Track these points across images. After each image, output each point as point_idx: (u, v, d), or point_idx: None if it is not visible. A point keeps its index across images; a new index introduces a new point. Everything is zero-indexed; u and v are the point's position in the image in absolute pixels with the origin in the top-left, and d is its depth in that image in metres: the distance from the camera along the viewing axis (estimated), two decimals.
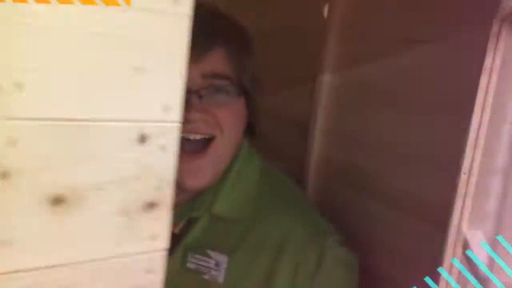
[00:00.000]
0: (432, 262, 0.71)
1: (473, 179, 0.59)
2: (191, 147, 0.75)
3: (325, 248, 0.76)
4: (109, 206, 0.34)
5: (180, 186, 0.76)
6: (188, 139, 0.75)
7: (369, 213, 0.92)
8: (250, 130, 0.85)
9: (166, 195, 0.37)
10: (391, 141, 0.88)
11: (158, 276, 0.38)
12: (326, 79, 1.02)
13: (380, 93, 0.91)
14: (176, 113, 0.36)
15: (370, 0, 0.94)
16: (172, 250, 0.76)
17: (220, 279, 0.74)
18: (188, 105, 0.72)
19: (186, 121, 0.70)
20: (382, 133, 0.90)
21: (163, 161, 0.36)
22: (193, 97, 0.73)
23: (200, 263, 0.75)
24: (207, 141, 0.76)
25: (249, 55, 0.82)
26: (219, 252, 0.75)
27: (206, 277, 0.74)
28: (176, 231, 0.78)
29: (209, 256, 0.75)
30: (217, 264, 0.74)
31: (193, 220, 0.79)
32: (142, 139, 0.35)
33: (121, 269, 0.36)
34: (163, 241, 0.38)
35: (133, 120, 0.34)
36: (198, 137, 0.75)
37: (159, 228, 0.37)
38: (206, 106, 0.74)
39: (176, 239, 0.78)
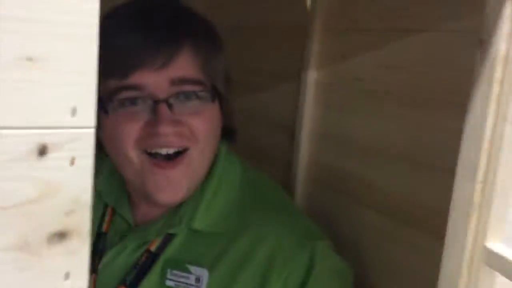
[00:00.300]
0: (432, 276, 0.63)
1: (491, 187, 0.51)
2: (161, 158, 0.68)
3: (315, 255, 0.69)
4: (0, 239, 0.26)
5: (152, 200, 0.70)
6: (159, 154, 0.67)
7: (360, 220, 0.84)
8: (227, 133, 0.77)
9: (80, 221, 0.29)
10: (383, 142, 0.80)
11: None
12: (311, 76, 0.93)
13: (371, 90, 0.83)
14: (87, 116, 0.28)
15: None
16: (150, 267, 0.70)
17: None
18: (157, 116, 0.65)
19: (156, 135, 0.65)
20: (373, 133, 0.82)
21: (73, 177, 0.28)
22: (161, 107, 0.65)
23: (180, 279, 0.69)
24: (180, 152, 0.68)
25: (220, 54, 0.73)
26: (199, 266, 0.69)
27: None
28: (153, 248, 0.71)
29: (189, 272, 0.69)
30: (197, 280, 0.68)
31: (171, 236, 0.72)
32: (42, 150, 0.26)
33: None
34: (79, 280, 0.29)
35: (28, 127, 0.26)
36: (171, 151, 0.68)
37: (72, 264, 0.29)
38: (178, 116, 0.66)
39: (152, 256, 0.71)
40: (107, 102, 0.67)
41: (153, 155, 0.67)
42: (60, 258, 0.29)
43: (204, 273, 0.68)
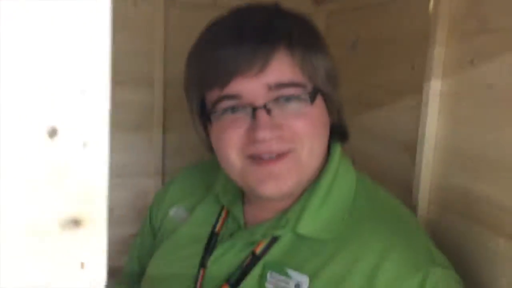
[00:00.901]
0: None
1: None
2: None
3: (427, 283, 0.61)
4: (12, 224, 0.26)
5: (257, 196, 0.71)
6: (261, 157, 0.67)
7: (492, 250, 0.71)
8: (336, 131, 0.75)
9: (96, 210, 0.28)
10: None
11: None
12: (435, 87, 0.83)
13: (505, 98, 0.70)
14: (99, 97, 0.27)
15: None
16: (251, 269, 0.70)
17: None
18: (256, 122, 0.66)
19: (256, 141, 0.66)
20: (509, 149, 0.69)
21: (86, 162, 0.27)
22: (259, 113, 0.66)
23: (279, 283, 0.67)
24: (287, 152, 0.68)
25: (320, 54, 0.71)
26: (300, 272, 0.66)
27: None
28: (258, 251, 0.71)
29: (289, 276, 0.67)
30: (297, 286, 0.66)
31: (276, 239, 0.71)
32: (52, 132, 0.26)
33: None
34: (96, 271, 0.28)
35: (38, 108, 0.26)
36: (273, 155, 0.67)
37: (88, 253, 0.28)
38: (278, 120, 0.67)
39: (256, 258, 0.71)
40: (210, 111, 0.70)
41: (255, 158, 0.68)
42: (75, 245, 0.28)
43: (304, 280, 0.66)
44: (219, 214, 0.80)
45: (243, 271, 0.70)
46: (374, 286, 0.62)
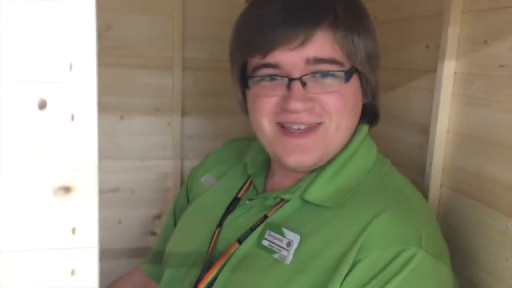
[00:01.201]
0: None
1: None
2: (292, 130, 0.71)
3: (404, 253, 0.63)
4: (6, 191, 0.28)
5: (283, 165, 0.74)
6: (291, 127, 0.71)
7: (498, 231, 0.70)
8: (369, 113, 0.78)
9: (86, 178, 0.29)
10: None
11: (86, 279, 0.31)
12: (448, 68, 0.82)
13: None
14: (86, 72, 0.28)
15: None
16: (256, 228, 0.73)
17: (288, 260, 0.68)
18: (290, 93, 0.69)
19: (287, 111, 0.69)
20: None
21: (73, 133, 0.29)
22: (294, 84, 0.69)
23: (274, 241, 0.70)
24: (316, 125, 0.71)
25: (363, 34, 0.72)
26: (294, 231, 0.70)
27: (275, 256, 0.69)
28: (270, 214, 0.74)
29: (283, 235, 0.70)
30: (288, 244, 0.69)
31: (285, 202, 0.74)
32: (42, 104, 0.28)
33: (34, 268, 0.29)
34: (87, 236, 0.30)
35: (29, 81, 0.27)
36: (302, 127, 0.71)
37: (79, 219, 0.30)
38: (311, 93, 0.69)
39: (264, 220, 0.74)
40: (250, 76, 0.73)
41: (285, 127, 0.72)
42: (66, 212, 0.30)
43: (296, 239, 0.69)
44: (244, 183, 0.84)
45: (251, 231, 0.74)
46: (359, 245, 0.64)
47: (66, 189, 0.29)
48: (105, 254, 1.05)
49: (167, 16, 1.29)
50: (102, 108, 1.19)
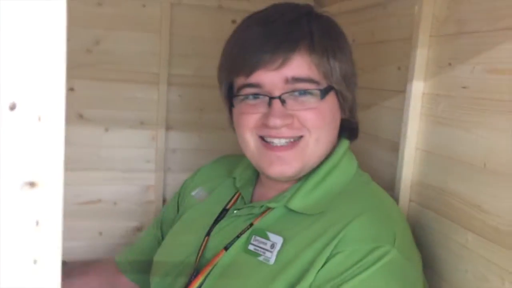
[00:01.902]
0: None
1: None
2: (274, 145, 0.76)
3: (378, 250, 0.67)
4: None
5: (265, 175, 0.80)
6: (272, 142, 0.76)
7: (459, 245, 0.74)
8: (347, 128, 0.83)
9: (51, 175, 0.32)
10: (493, 159, 0.69)
11: (46, 269, 0.33)
12: (417, 88, 0.86)
13: (478, 98, 0.73)
14: (53, 77, 0.31)
15: None
16: (242, 235, 0.77)
17: (271, 261, 0.72)
18: (270, 110, 0.74)
19: (268, 126, 0.74)
20: (489, 151, 0.71)
21: (40, 133, 0.32)
22: (274, 102, 0.74)
23: (259, 244, 0.75)
24: (297, 139, 0.76)
25: (339, 55, 0.77)
26: (277, 234, 0.74)
27: (260, 258, 0.73)
28: (255, 223, 0.78)
29: (267, 238, 0.74)
30: (272, 246, 0.73)
31: (270, 210, 0.79)
32: (12, 106, 0.31)
33: (1, 257, 0.32)
34: (50, 230, 0.33)
35: (1, 85, 0.31)
36: (283, 141, 0.76)
37: (42, 213, 0.32)
38: (290, 110, 0.75)
39: (250, 226, 0.78)
40: (235, 95, 0.79)
41: (267, 141, 0.77)
42: (31, 206, 0.32)
43: (279, 241, 0.73)
44: (233, 196, 0.89)
45: (237, 238, 0.78)
46: (336, 241, 0.69)
47: (32, 184, 0.32)
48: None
49: (154, 33, 1.34)
50: (88, 120, 1.22)
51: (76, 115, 1.32)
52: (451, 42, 0.81)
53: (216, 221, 0.84)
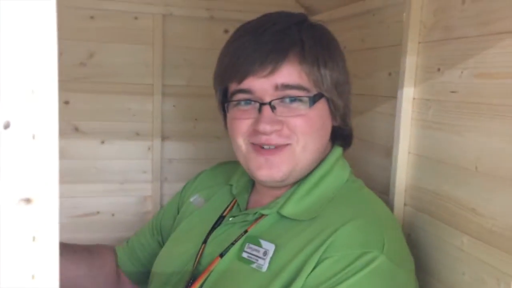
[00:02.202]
0: None
1: None
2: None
3: (366, 256, 0.68)
4: None
5: (255, 179, 0.82)
6: (263, 148, 0.77)
7: (454, 248, 0.74)
8: (340, 136, 0.84)
9: (46, 191, 0.33)
10: (490, 165, 0.70)
11: (44, 284, 0.34)
12: (407, 94, 0.88)
13: (466, 102, 0.74)
14: (46, 96, 0.32)
15: None
16: (236, 242, 0.78)
17: (264, 268, 0.73)
18: (260, 116, 0.76)
19: (258, 132, 0.76)
20: (480, 154, 0.72)
21: (35, 151, 0.32)
22: (264, 108, 0.76)
23: (253, 252, 0.76)
24: (284, 145, 0.77)
25: (330, 63, 0.78)
26: (269, 241, 0.75)
27: (253, 266, 0.74)
28: (250, 229, 0.79)
29: (260, 245, 0.75)
30: (265, 253, 0.74)
31: (263, 217, 0.80)
32: (7, 125, 0.32)
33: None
34: (47, 244, 0.33)
35: None
36: (272, 147, 0.77)
37: (38, 228, 0.33)
38: (280, 117, 0.76)
39: (245, 233, 0.80)
40: (228, 101, 0.81)
41: (256, 147, 0.78)
42: (27, 221, 0.33)
43: (271, 248, 0.74)
44: (230, 203, 0.90)
45: (232, 245, 0.79)
46: (325, 246, 0.69)
47: (27, 201, 0.33)
48: None
49: (147, 44, 1.35)
50: (84, 133, 1.23)
51: (72, 128, 1.33)
52: (439, 48, 0.82)
53: (213, 229, 0.86)
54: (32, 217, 0.33)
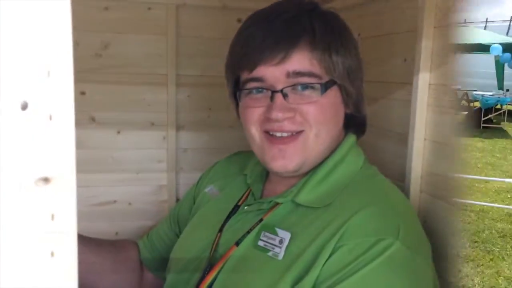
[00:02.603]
0: None
1: None
2: (276, 137, 0.78)
3: (382, 242, 0.67)
4: None
5: (269, 169, 0.82)
6: (274, 135, 0.78)
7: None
8: (355, 122, 0.84)
9: (63, 171, 0.34)
10: None
11: (63, 261, 0.35)
12: (423, 79, 0.87)
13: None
14: (62, 77, 0.33)
15: None
16: (252, 230, 0.79)
17: (280, 256, 0.73)
18: (273, 104, 0.76)
19: (270, 120, 0.76)
20: None
21: (51, 131, 0.33)
22: (277, 96, 0.76)
23: (269, 240, 0.76)
24: (298, 133, 0.77)
25: (342, 50, 0.78)
26: (285, 229, 0.75)
27: (269, 254, 0.74)
28: (265, 218, 0.80)
29: (276, 234, 0.76)
30: (281, 241, 0.75)
31: (278, 205, 0.80)
32: (24, 105, 0.32)
33: (17, 251, 0.34)
34: (65, 223, 0.34)
35: (13, 86, 0.32)
36: (284, 134, 0.77)
37: (57, 207, 0.34)
38: (292, 104, 0.76)
39: (260, 221, 0.80)
40: (240, 89, 0.81)
41: (271, 134, 0.78)
42: (46, 200, 0.34)
43: (287, 236, 0.75)
44: (244, 192, 0.90)
45: (248, 233, 0.80)
46: (340, 234, 0.69)
47: (46, 180, 0.34)
48: None
49: (161, 35, 1.35)
50: (100, 123, 1.25)
51: (88, 118, 1.34)
52: (454, 32, 0.81)
53: (228, 217, 0.86)
54: (50, 196, 0.34)
